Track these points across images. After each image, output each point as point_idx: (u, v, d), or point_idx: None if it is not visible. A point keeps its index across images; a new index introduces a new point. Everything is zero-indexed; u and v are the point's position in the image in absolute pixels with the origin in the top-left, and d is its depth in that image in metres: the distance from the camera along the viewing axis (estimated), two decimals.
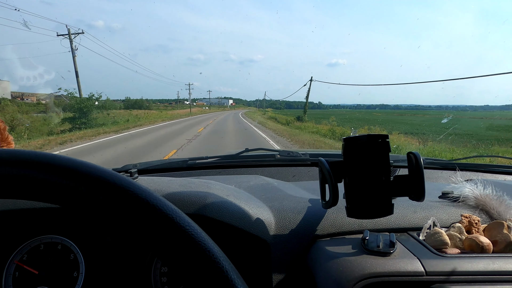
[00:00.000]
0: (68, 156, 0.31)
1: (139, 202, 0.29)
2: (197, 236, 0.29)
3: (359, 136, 0.57)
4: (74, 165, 0.29)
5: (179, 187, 0.71)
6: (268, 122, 24.22)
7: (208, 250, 0.29)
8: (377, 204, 0.58)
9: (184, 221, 0.30)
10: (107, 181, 0.29)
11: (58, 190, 0.29)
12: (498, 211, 0.68)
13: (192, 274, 0.28)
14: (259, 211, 0.68)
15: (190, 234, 0.29)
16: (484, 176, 1.12)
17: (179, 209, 0.31)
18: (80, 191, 0.29)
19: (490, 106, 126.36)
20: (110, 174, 0.30)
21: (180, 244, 0.29)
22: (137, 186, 0.30)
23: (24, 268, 0.65)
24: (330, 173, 0.57)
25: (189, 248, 0.29)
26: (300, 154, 1.28)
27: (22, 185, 0.28)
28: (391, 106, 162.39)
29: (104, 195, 0.29)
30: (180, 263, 0.28)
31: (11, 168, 0.28)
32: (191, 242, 0.29)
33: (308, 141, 11.17)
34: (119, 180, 0.30)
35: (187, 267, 0.28)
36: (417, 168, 0.57)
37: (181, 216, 0.30)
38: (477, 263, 0.51)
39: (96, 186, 0.29)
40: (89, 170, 0.29)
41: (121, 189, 0.29)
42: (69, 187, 0.29)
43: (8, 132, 0.83)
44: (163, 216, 0.29)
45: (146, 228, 0.29)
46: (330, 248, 0.58)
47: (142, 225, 0.29)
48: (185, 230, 0.29)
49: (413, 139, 12.52)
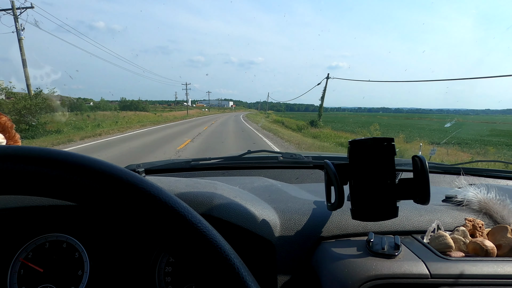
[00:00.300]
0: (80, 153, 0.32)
1: (151, 199, 0.29)
2: (209, 233, 0.30)
3: (364, 139, 0.58)
4: (88, 162, 0.30)
5: (185, 187, 0.72)
6: (275, 127, 20.41)
7: (219, 247, 0.29)
8: (382, 206, 0.58)
9: (196, 219, 0.30)
10: (121, 179, 0.30)
11: (72, 187, 0.29)
12: (501, 215, 0.69)
13: (203, 271, 0.28)
14: (264, 212, 0.69)
15: (202, 231, 0.30)
16: (487, 180, 1.12)
17: (190, 207, 0.31)
18: (94, 188, 0.29)
19: (491, 110, 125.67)
20: (123, 172, 0.30)
21: (192, 240, 0.29)
22: (149, 183, 0.31)
23: (29, 266, 0.66)
24: (336, 175, 0.58)
25: (201, 245, 0.29)
26: (303, 157, 1.29)
27: (37, 182, 0.29)
28: (392, 109, 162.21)
29: (117, 192, 0.29)
30: (192, 259, 0.29)
31: (28, 166, 0.28)
32: (202, 239, 0.29)
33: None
34: (132, 178, 0.30)
35: (199, 264, 0.29)
36: (422, 171, 0.58)
37: (192, 214, 0.30)
38: (481, 266, 0.51)
39: (110, 184, 0.29)
40: (102, 168, 0.30)
41: (134, 187, 0.30)
42: (83, 184, 0.29)
43: (15, 130, 0.84)
44: (175, 213, 0.29)
45: (159, 225, 0.29)
46: (335, 250, 0.59)
47: (155, 221, 0.29)
48: (197, 227, 0.30)
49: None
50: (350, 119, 39.95)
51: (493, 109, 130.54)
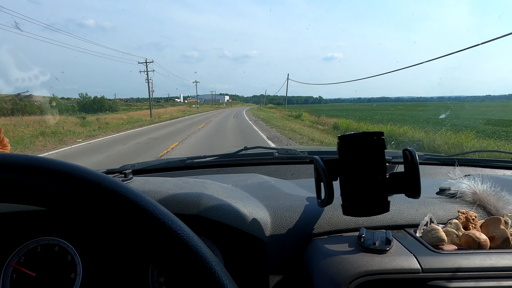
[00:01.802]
0: (57, 159, 0.30)
1: (130, 206, 0.29)
2: (189, 241, 0.29)
3: (354, 133, 0.57)
4: (61, 167, 0.29)
5: (173, 187, 0.71)
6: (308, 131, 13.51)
7: (200, 254, 0.29)
8: (373, 201, 0.57)
9: (176, 225, 0.30)
10: (96, 184, 0.29)
11: (45, 193, 0.28)
12: (495, 206, 0.68)
13: (184, 279, 0.28)
14: (254, 210, 0.68)
15: (182, 238, 0.29)
16: (483, 171, 1.11)
17: (171, 213, 0.31)
18: (67, 194, 0.28)
19: (492, 96, 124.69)
20: (99, 177, 0.30)
21: (172, 248, 0.28)
22: (128, 189, 0.30)
23: (22, 271, 0.66)
24: (325, 171, 0.57)
25: (181, 253, 0.28)
26: (299, 152, 1.28)
27: (9, 189, 0.28)
28: (392, 99, 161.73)
29: (92, 198, 0.28)
30: (172, 267, 0.28)
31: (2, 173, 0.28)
32: (183, 247, 0.29)
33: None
34: (109, 183, 0.29)
35: (179, 272, 0.28)
36: (412, 165, 0.57)
37: (173, 220, 0.30)
38: (473, 259, 0.51)
39: (84, 189, 0.29)
40: (76, 173, 0.29)
41: (111, 192, 0.29)
42: (56, 190, 0.28)
43: (3, 135, 0.83)
44: (154, 220, 0.29)
45: (138, 232, 0.29)
46: (326, 246, 0.58)
47: (133, 229, 0.29)
48: (177, 234, 0.29)
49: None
50: (358, 112, 38.25)
51: (494, 95, 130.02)
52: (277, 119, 23.32)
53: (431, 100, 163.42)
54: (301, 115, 24.92)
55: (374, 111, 40.75)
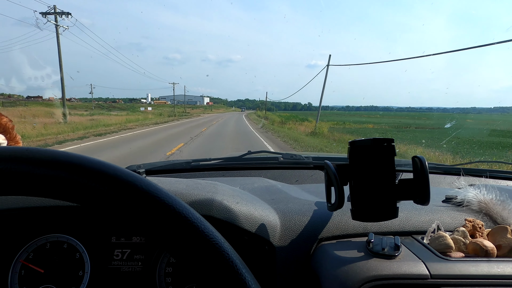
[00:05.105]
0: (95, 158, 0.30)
1: (165, 209, 0.29)
2: (221, 246, 0.30)
3: (364, 139, 0.58)
4: (99, 166, 0.30)
5: (186, 187, 0.72)
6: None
7: (231, 260, 0.29)
8: (382, 207, 0.58)
9: (209, 231, 0.30)
10: (136, 186, 0.29)
11: (78, 190, 0.29)
12: (501, 215, 0.69)
13: (215, 284, 0.28)
14: (265, 213, 0.69)
15: (215, 243, 0.29)
16: (487, 181, 1.12)
17: (202, 217, 0.31)
18: (107, 194, 0.29)
19: (499, 108, 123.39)
20: (139, 180, 0.30)
21: (205, 253, 0.29)
22: (165, 193, 0.30)
23: (30, 267, 0.66)
24: (336, 176, 0.58)
25: (213, 258, 0.29)
26: (303, 157, 1.29)
27: (42, 184, 0.28)
28: (394, 108, 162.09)
29: (132, 200, 0.29)
30: (205, 273, 0.29)
31: (32, 167, 0.28)
32: (215, 252, 0.29)
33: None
34: (146, 186, 0.30)
35: (212, 278, 0.29)
36: (422, 172, 0.58)
37: (205, 225, 0.30)
38: (481, 267, 0.52)
39: (125, 191, 0.29)
40: (116, 173, 0.30)
41: (149, 195, 0.29)
42: (97, 190, 0.29)
43: (16, 131, 0.84)
44: (188, 224, 0.29)
45: (172, 235, 0.29)
46: (335, 251, 0.59)
47: (168, 232, 0.29)
48: (210, 239, 0.29)
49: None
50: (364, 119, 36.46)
51: (504, 107, 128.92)
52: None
53: (434, 111, 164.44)
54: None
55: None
